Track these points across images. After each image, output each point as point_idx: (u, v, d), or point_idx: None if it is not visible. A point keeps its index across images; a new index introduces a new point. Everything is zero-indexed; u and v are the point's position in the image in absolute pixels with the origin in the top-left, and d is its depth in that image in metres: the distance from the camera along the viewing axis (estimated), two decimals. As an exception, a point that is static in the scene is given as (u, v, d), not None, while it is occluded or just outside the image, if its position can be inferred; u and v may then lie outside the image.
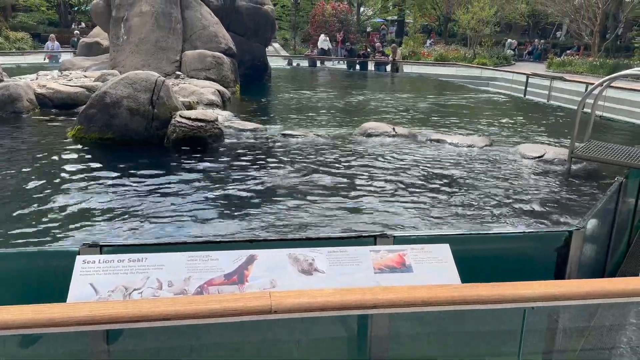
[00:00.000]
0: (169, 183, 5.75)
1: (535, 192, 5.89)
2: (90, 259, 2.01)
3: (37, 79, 11.65)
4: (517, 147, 7.85)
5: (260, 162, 6.75)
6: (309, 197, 5.43)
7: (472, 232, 3.49)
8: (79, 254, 2.25)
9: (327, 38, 27.04)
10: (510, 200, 5.54)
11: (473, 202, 5.44)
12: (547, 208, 5.39)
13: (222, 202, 5.23)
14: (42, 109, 9.88)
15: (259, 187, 5.73)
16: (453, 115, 11.74)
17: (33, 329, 1.68)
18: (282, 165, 6.66)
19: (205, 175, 6.08)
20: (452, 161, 7.09)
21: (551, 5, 26.94)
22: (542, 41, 33.79)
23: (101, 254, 2.30)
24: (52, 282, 2.49)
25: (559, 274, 3.12)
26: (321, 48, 26.22)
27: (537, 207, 5.38)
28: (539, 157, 7.30)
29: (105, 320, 1.77)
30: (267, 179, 6.04)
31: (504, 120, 11.29)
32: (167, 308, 1.79)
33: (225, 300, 1.85)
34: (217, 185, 5.73)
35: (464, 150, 7.69)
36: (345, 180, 6.10)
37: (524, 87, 16.73)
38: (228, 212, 4.98)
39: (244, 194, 5.50)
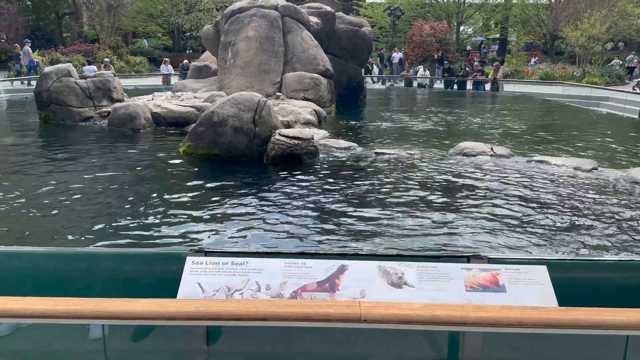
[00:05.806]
0: (268, 197, 6.05)
1: (649, 219, 5.44)
2: (198, 260, 2.22)
3: (152, 99, 12.77)
4: (628, 171, 7.27)
5: (354, 178, 6.88)
6: (400, 214, 5.45)
7: (571, 258, 3.32)
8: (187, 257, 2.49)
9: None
10: (618, 227, 5.17)
11: (575, 228, 5.15)
12: (662, 237, 4.96)
13: (316, 216, 5.41)
14: (156, 126, 10.85)
15: (352, 203, 5.84)
16: (558, 136, 11.15)
17: (153, 321, 1.89)
18: (375, 182, 6.74)
19: (301, 191, 6.32)
20: (555, 184, 6.75)
21: (673, 19, 24.79)
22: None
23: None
24: (160, 281, 2.76)
25: (666, 308, 2.88)
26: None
27: (650, 236, 4.97)
28: (654, 182, 6.73)
29: (210, 316, 1.95)
30: (360, 195, 6.14)
31: (614, 142, 10.52)
32: (265, 309, 1.93)
33: (318, 306, 1.96)
34: (312, 200, 5.93)
35: (569, 173, 7.28)
36: (438, 198, 6.03)
37: (639, 108, 15.49)
38: (322, 225, 5.14)
39: (338, 209, 5.64)
